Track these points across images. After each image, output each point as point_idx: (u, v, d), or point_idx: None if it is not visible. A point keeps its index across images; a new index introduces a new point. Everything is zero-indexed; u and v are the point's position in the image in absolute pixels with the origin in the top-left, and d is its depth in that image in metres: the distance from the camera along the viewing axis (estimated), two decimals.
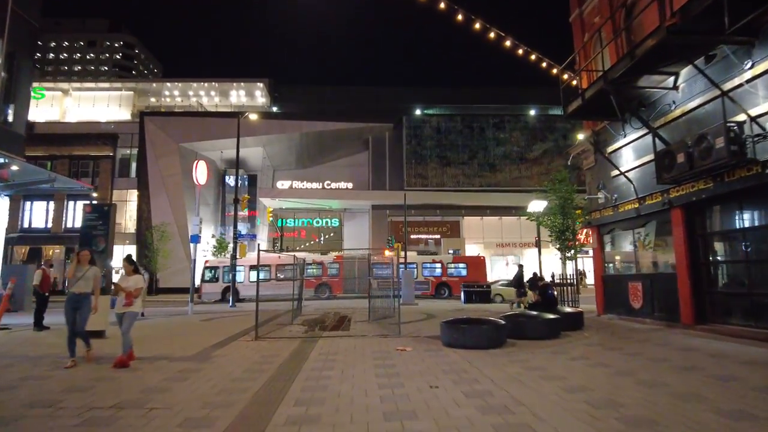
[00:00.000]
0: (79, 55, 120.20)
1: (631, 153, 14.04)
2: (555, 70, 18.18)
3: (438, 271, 32.27)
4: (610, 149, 14.86)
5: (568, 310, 13.74)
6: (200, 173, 20.80)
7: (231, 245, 32.55)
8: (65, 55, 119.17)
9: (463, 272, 31.82)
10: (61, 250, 42.25)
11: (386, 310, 14.63)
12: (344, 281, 31.83)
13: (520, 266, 20.19)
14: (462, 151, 45.68)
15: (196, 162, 20.25)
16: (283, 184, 46.08)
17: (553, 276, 19.32)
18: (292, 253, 21.22)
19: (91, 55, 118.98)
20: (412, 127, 45.74)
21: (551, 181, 21.80)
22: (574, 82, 15.51)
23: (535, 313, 12.06)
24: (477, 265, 32.59)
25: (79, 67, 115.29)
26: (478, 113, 46.90)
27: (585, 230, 21.53)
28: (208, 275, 31.55)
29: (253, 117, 38.11)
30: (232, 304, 24.48)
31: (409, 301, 22.97)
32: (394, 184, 44.48)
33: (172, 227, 40.96)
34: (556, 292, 16.29)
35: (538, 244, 25.03)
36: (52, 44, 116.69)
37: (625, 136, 14.15)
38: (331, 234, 50.32)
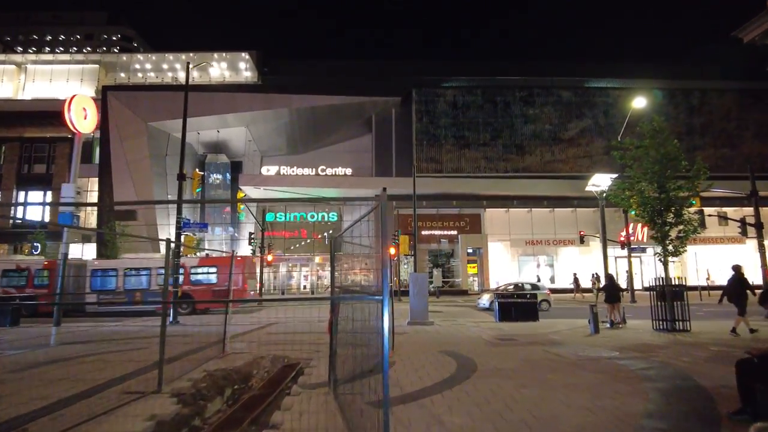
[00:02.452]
0: (75, 48, 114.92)
1: None
2: None
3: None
4: None
5: None
6: (76, 113, 12.59)
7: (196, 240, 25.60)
8: (61, 48, 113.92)
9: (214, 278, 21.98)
10: None
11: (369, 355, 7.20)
12: None
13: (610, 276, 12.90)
14: (483, 130, 38.14)
15: (70, 98, 12.70)
16: (269, 170, 38.89)
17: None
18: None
19: (88, 48, 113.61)
20: (423, 102, 38.33)
21: (637, 136, 14.06)
22: None
23: None
24: (230, 266, 24.58)
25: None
26: (503, 85, 39.35)
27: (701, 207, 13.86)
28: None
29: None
30: None
31: (422, 319, 15.59)
32: (402, 170, 37.07)
33: (138, 220, 34.22)
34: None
35: (602, 240, 17.52)
36: (48, 38, 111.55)
37: None
38: (330, 231, 43.05)
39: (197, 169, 40.90)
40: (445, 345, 10.57)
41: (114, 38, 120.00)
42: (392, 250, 29.67)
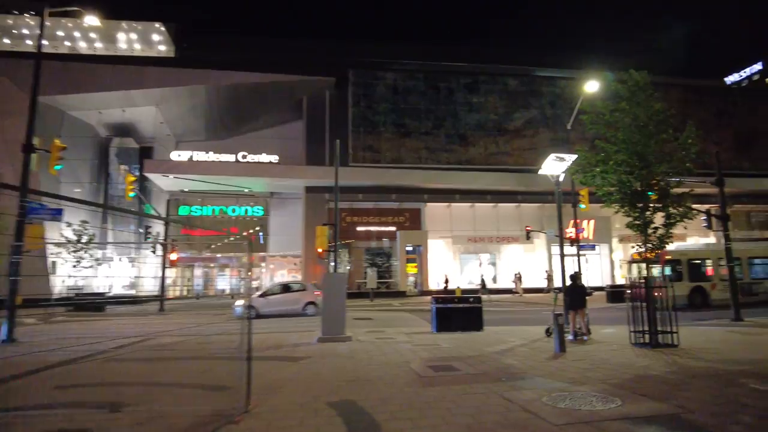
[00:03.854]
0: None
1: None
2: None
3: None
4: None
5: None
6: None
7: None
8: None
9: None
10: None
11: None
12: None
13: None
14: (425, 119, 35.12)
15: None
16: (180, 155, 33.90)
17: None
18: None
19: None
20: (361, 85, 34.77)
21: (611, 99, 11.04)
22: None
23: None
24: None
25: None
26: (447, 70, 36.52)
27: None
28: None
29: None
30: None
31: (335, 334, 11.97)
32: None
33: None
34: None
35: (559, 233, 14.62)
36: None
37: None
38: (257, 228, 38.72)
39: (124, 166, 35.16)
40: (350, 383, 6.98)
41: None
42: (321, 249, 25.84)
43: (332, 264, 17.88)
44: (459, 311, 13.95)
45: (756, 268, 21.39)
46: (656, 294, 9.86)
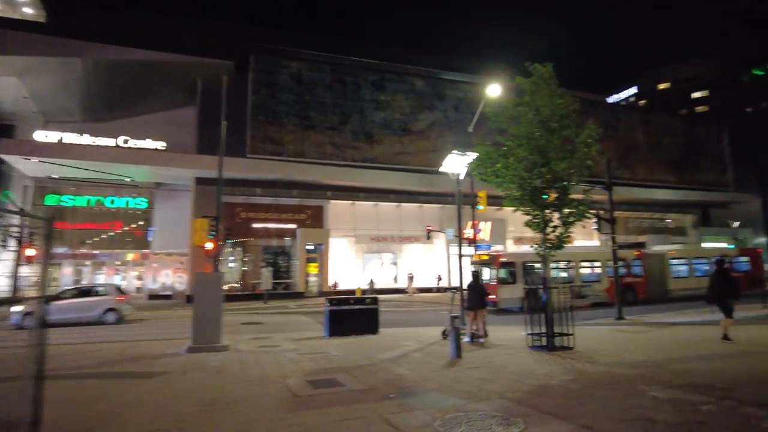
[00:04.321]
0: None
1: None
2: None
3: None
4: None
5: None
6: None
7: None
8: None
9: None
10: None
11: None
12: None
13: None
14: (331, 113, 33.85)
15: None
16: (47, 136, 29.46)
17: None
18: None
19: None
20: (263, 72, 32.64)
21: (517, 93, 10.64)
22: None
23: None
24: None
25: None
26: (355, 65, 35.58)
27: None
28: None
29: None
30: None
31: (209, 342, 10.38)
32: (233, 150, 30.87)
33: None
34: None
35: (458, 232, 14.18)
36: None
37: None
38: (140, 222, 34.98)
39: None
40: (204, 409, 5.61)
41: None
42: (209, 245, 23.55)
43: (216, 263, 16.03)
44: (354, 313, 12.98)
45: (585, 272, 21.87)
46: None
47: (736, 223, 44.97)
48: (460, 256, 14.70)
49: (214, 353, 10.04)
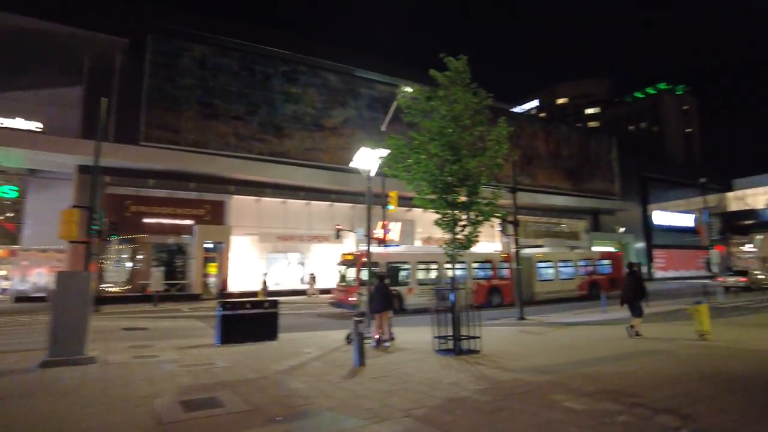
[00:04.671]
0: None
1: None
2: None
3: None
4: None
5: None
6: None
7: None
8: None
9: None
10: None
11: None
12: None
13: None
14: (237, 102, 31.80)
15: None
16: None
17: None
18: None
19: None
20: (162, 54, 29.82)
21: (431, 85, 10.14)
22: None
23: None
24: None
25: None
26: (264, 54, 33.78)
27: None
28: None
29: None
30: None
31: (73, 354, 8.69)
32: (126, 136, 27.88)
33: None
34: None
35: (367, 231, 13.52)
36: None
37: None
38: (9, 214, 30.50)
39: None
40: None
41: None
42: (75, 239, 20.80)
43: (88, 260, 13.97)
44: (250, 318, 11.78)
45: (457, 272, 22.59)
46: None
47: (622, 229, 49.32)
48: (369, 255, 14.06)
49: (77, 367, 8.41)
